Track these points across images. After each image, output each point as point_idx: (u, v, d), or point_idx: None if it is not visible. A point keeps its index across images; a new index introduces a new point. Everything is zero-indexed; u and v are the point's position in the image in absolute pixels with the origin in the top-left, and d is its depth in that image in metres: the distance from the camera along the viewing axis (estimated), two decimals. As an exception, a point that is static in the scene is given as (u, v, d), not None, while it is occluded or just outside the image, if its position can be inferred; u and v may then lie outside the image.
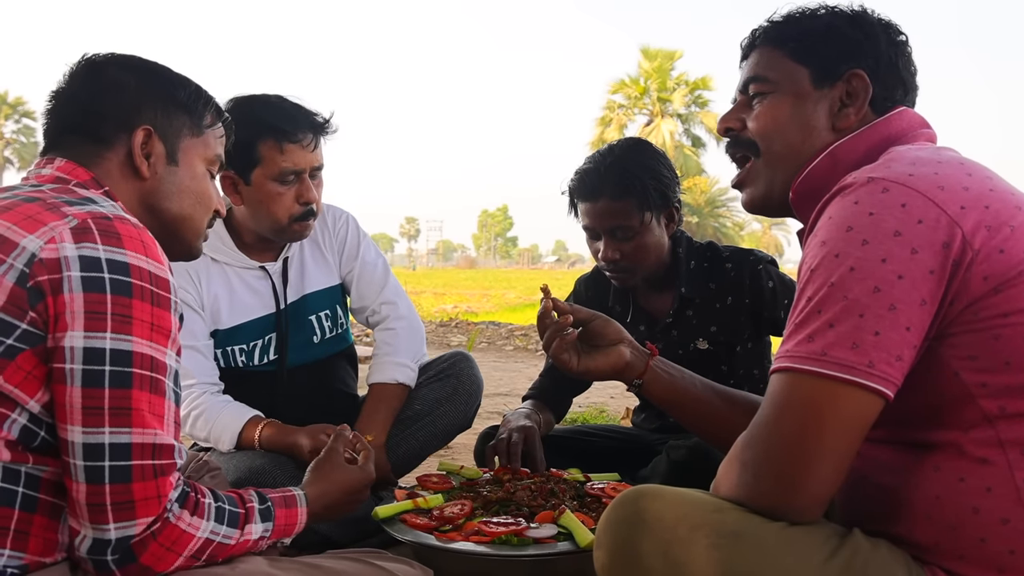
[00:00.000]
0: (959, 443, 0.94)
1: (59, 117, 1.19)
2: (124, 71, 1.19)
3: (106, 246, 0.98)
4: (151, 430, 0.98)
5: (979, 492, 0.92)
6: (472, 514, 1.64)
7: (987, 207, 0.93)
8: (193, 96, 1.24)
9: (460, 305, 15.60)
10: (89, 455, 0.94)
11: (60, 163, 1.13)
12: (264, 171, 1.84)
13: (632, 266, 1.93)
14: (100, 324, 0.95)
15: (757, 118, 1.19)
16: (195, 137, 1.24)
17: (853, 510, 1.05)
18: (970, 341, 0.92)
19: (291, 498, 1.22)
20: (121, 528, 0.95)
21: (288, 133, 1.82)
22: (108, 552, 0.96)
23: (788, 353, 0.95)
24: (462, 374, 2.07)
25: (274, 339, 2.00)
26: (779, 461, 0.93)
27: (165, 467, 0.99)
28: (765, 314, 1.96)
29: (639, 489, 0.99)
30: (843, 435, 0.91)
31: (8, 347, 0.94)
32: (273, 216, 1.88)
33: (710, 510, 0.95)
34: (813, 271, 0.95)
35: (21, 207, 1.01)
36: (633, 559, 0.94)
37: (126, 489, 0.95)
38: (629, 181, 1.85)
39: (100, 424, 0.95)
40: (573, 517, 1.54)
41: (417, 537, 1.54)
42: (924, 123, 1.14)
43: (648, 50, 35.01)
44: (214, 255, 1.97)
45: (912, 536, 0.97)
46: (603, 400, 4.70)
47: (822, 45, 1.15)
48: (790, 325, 0.97)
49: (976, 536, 0.92)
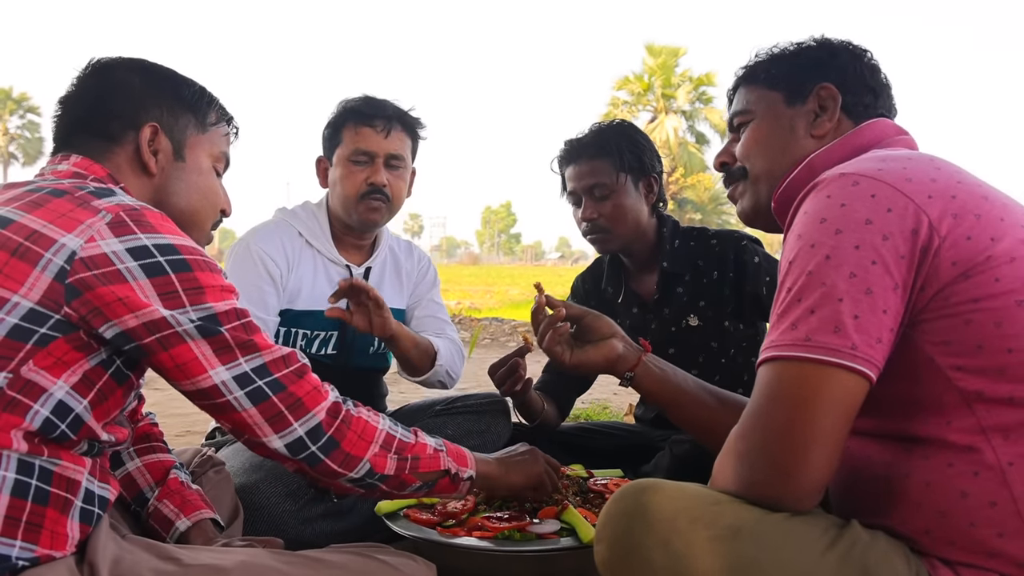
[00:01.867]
0: (943, 435, 0.96)
1: (69, 116, 1.22)
2: (130, 72, 1.24)
3: (145, 234, 1.04)
4: (269, 348, 1.10)
5: (967, 476, 0.94)
6: (475, 510, 1.64)
7: (954, 197, 0.97)
8: (197, 95, 1.28)
9: (463, 301, 15.60)
10: (243, 383, 1.07)
11: (76, 159, 1.17)
12: (343, 151, 2.06)
13: (609, 227, 2.02)
14: (177, 302, 1.03)
15: (742, 145, 1.30)
16: (200, 134, 1.28)
17: (847, 506, 1.06)
18: (943, 327, 0.95)
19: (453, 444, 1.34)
20: (304, 423, 1.10)
21: (364, 116, 2.04)
22: (309, 447, 1.10)
23: (773, 343, 0.97)
24: (497, 414, 2.16)
25: (335, 336, 2.11)
26: (773, 449, 0.94)
27: (300, 368, 1.12)
28: (747, 288, 2.00)
29: (638, 483, 1.00)
30: (833, 418, 0.92)
31: (41, 336, 0.98)
32: (344, 193, 2.05)
33: (709, 503, 0.96)
34: (791, 263, 0.99)
35: (52, 203, 1.04)
36: (633, 552, 0.95)
37: (288, 394, 1.09)
38: (604, 142, 2.02)
39: (235, 357, 1.07)
40: (576, 513, 1.54)
41: (420, 532, 1.54)
42: (900, 131, 1.19)
43: (652, 46, 34.89)
44: (312, 240, 2.11)
45: (905, 526, 0.98)
46: (606, 397, 4.71)
47: (790, 68, 1.26)
48: (773, 317, 1.00)
49: (966, 521, 0.94)
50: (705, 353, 2.04)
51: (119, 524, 1.22)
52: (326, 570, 1.10)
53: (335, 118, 2.08)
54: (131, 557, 1.04)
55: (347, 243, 2.16)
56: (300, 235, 2.11)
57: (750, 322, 2.06)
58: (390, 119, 2.05)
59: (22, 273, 0.98)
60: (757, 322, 2.09)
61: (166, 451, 1.41)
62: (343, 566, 1.12)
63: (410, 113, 2.11)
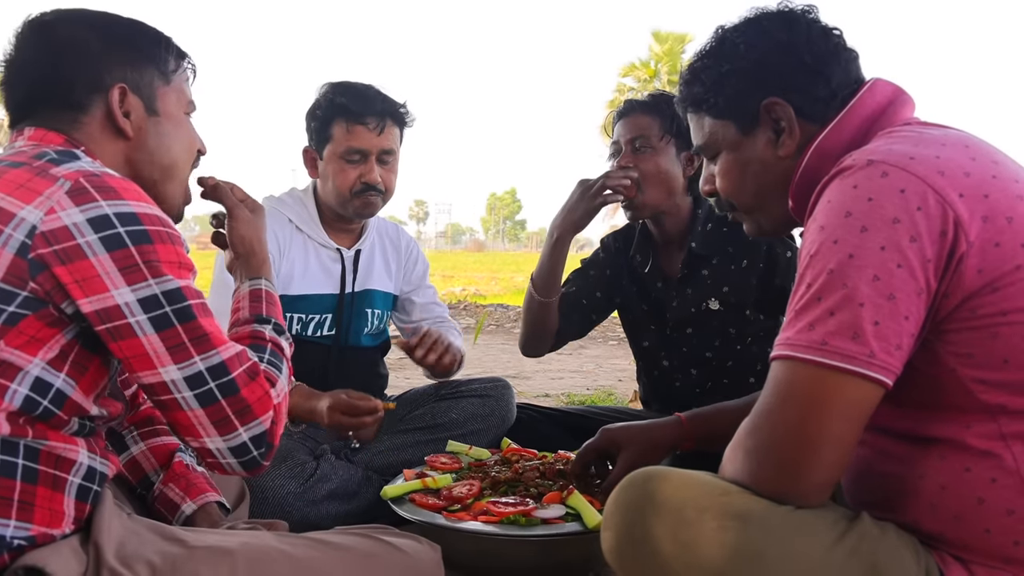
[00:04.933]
0: (962, 438, 0.94)
1: (22, 87, 1.15)
2: (80, 28, 1.15)
3: (107, 200, 0.99)
4: (224, 345, 1.05)
5: (984, 483, 0.92)
6: (480, 494, 1.64)
7: (986, 196, 0.92)
8: (154, 43, 1.21)
9: (469, 288, 15.60)
10: (193, 384, 1.02)
11: (30, 131, 1.11)
12: (333, 148, 2.04)
13: (640, 183, 2.00)
14: (138, 275, 0.99)
15: (719, 180, 1.22)
16: (166, 85, 1.21)
17: (859, 498, 1.05)
18: (967, 339, 0.92)
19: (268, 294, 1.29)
20: (250, 428, 1.06)
21: (356, 115, 2.01)
22: (253, 449, 1.07)
23: (789, 341, 0.94)
24: (501, 399, 2.17)
25: (330, 318, 2.13)
26: (781, 449, 0.93)
27: (252, 367, 1.07)
28: (776, 281, 1.99)
29: (647, 471, 0.99)
30: (844, 423, 0.90)
31: (10, 315, 0.96)
32: (338, 190, 2.06)
33: (717, 493, 0.95)
34: (812, 256, 0.95)
35: (9, 174, 1.00)
36: (641, 541, 0.94)
37: (238, 398, 1.05)
38: (659, 103, 2.03)
39: (189, 356, 1.02)
40: (581, 498, 1.54)
41: (426, 517, 1.55)
42: (898, 89, 1.11)
43: (659, 33, 34.70)
44: (301, 225, 2.13)
45: (917, 525, 0.97)
46: (611, 384, 4.71)
47: (727, 95, 1.17)
48: (790, 311, 0.96)
49: (981, 527, 0.92)
50: (722, 338, 2.04)
51: (123, 505, 1.22)
52: (332, 552, 1.10)
53: (324, 112, 2.05)
54: (136, 538, 1.04)
55: (337, 228, 2.18)
56: (290, 221, 2.12)
57: (771, 314, 2.05)
58: (382, 115, 2.04)
59: None
60: (779, 316, 2.07)
61: (170, 434, 1.40)
62: (349, 548, 1.12)
63: (399, 105, 2.10)
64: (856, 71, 1.15)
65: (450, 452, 1.96)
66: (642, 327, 2.17)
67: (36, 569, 0.92)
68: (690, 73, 1.22)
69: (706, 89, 1.19)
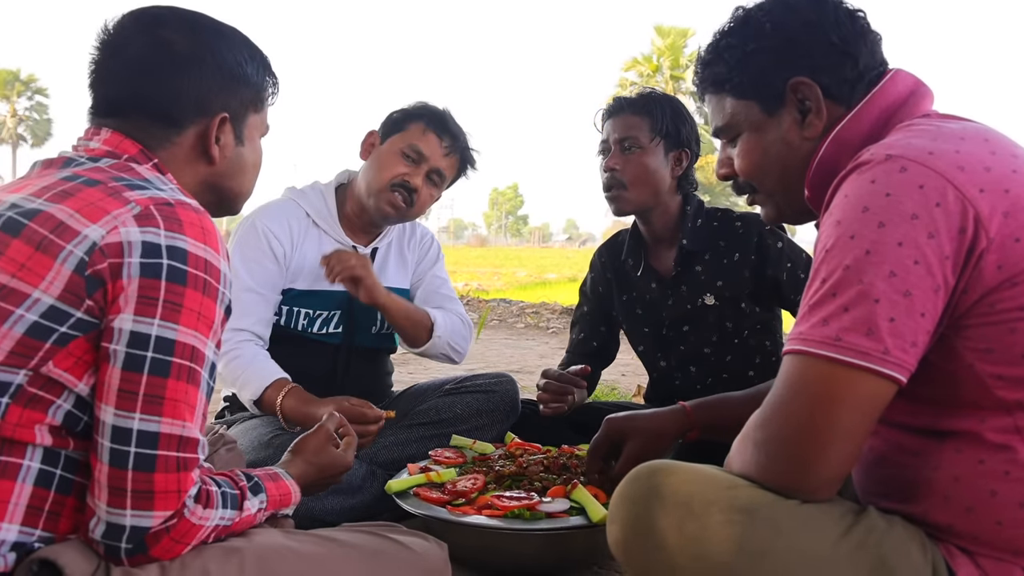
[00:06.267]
0: (977, 431, 0.93)
1: (117, 83, 1.11)
2: (194, 41, 1.12)
3: (168, 231, 0.97)
4: (180, 421, 0.96)
5: (997, 476, 0.92)
6: (485, 488, 1.65)
7: (1007, 191, 0.91)
8: (260, 69, 1.20)
9: (471, 283, 15.60)
10: (116, 438, 0.94)
11: (107, 135, 1.09)
12: (399, 139, 2.07)
13: (626, 183, 2.02)
14: (150, 310, 0.95)
15: (739, 162, 1.20)
16: (257, 113, 1.21)
17: (869, 488, 1.05)
18: (986, 334, 0.91)
19: (274, 475, 1.21)
20: (137, 517, 0.94)
21: (438, 127, 2.08)
22: (123, 539, 0.94)
23: (802, 335, 0.93)
24: (505, 394, 2.17)
25: (338, 316, 2.12)
26: (791, 443, 0.92)
27: (188, 461, 0.97)
28: (768, 271, 2.00)
29: (653, 464, 0.99)
30: (856, 419, 0.90)
31: (62, 335, 0.94)
32: (379, 175, 2.06)
33: (724, 486, 0.95)
34: (828, 251, 0.94)
35: (83, 192, 0.99)
36: (647, 534, 0.94)
37: (148, 478, 0.94)
38: (649, 103, 2.06)
39: (132, 409, 0.94)
40: (585, 492, 1.54)
41: (430, 511, 1.55)
42: (919, 81, 1.10)
43: (661, 28, 34.66)
44: (318, 220, 2.13)
45: (927, 516, 0.97)
46: (614, 378, 4.71)
47: (752, 73, 1.14)
48: (804, 306, 0.96)
49: (992, 519, 0.92)
50: (719, 332, 2.05)
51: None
52: (338, 549, 1.10)
53: (411, 109, 2.11)
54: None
55: (355, 226, 2.17)
56: (307, 215, 2.12)
57: (767, 306, 2.06)
58: (458, 145, 2.11)
59: (43, 267, 0.94)
60: (774, 307, 2.09)
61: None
62: (356, 545, 1.12)
63: (474, 149, 2.17)
64: (880, 54, 1.13)
65: (454, 446, 1.97)
66: (638, 331, 2.19)
67: (49, 563, 0.92)
68: (711, 52, 1.20)
69: (729, 68, 1.17)
